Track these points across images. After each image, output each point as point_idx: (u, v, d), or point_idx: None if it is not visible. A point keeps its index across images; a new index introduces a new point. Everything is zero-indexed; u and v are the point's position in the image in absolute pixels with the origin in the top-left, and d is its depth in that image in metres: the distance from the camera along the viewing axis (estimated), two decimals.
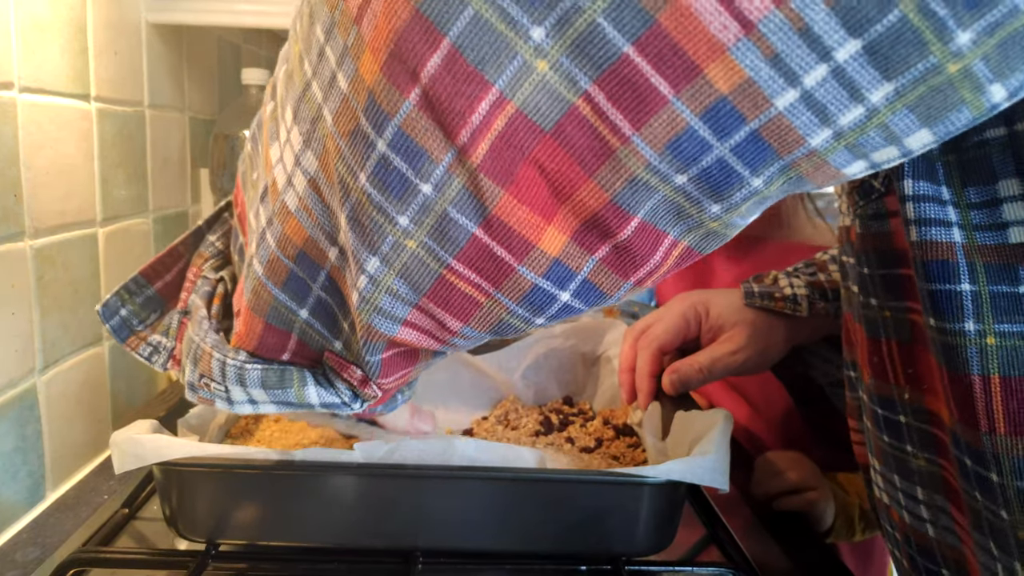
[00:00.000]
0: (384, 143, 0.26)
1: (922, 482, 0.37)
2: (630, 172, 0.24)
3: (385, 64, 0.24)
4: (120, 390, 0.76)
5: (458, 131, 0.24)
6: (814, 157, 0.23)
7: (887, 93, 0.21)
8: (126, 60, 0.76)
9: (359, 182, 0.27)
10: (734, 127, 0.23)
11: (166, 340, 0.41)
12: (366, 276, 0.29)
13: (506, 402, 0.73)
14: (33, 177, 0.60)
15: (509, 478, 0.47)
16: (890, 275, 0.36)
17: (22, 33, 0.58)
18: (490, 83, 0.23)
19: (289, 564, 0.49)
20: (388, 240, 0.28)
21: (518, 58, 0.23)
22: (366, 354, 0.32)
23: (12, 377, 0.58)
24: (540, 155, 0.24)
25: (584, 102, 0.23)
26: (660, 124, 0.23)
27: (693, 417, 0.55)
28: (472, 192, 0.26)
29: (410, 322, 0.30)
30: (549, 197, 0.25)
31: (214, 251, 0.42)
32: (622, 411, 0.68)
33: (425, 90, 0.24)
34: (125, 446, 0.45)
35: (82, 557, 0.49)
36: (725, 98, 0.22)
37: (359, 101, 0.26)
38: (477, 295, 0.29)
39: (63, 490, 0.65)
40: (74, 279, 0.67)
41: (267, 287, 0.33)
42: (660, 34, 0.21)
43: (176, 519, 0.48)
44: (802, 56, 0.21)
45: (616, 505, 0.48)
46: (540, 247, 0.27)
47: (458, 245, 0.27)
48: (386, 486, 0.47)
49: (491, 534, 0.49)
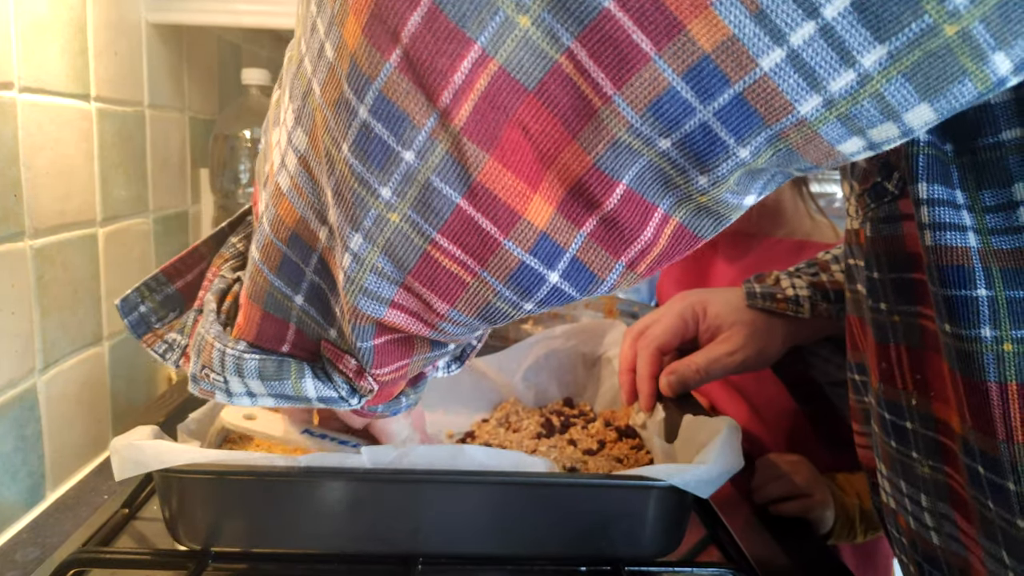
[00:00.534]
0: (365, 109, 0.25)
1: (927, 489, 0.37)
2: (612, 134, 0.23)
3: (366, 26, 0.24)
4: (120, 390, 0.76)
5: (440, 92, 0.24)
6: (804, 127, 0.22)
7: (880, 57, 0.20)
8: (126, 60, 0.76)
9: (342, 153, 0.26)
10: (717, 88, 0.22)
11: (181, 338, 0.41)
12: (350, 254, 0.28)
13: (507, 404, 0.73)
14: (33, 177, 0.60)
15: (516, 482, 0.47)
16: (901, 279, 0.36)
17: (22, 33, 0.58)
18: (472, 40, 0.23)
19: (289, 565, 0.49)
20: (371, 214, 0.27)
21: (500, 14, 0.22)
22: (357, 340, 0.32)
23: (12, 377, 0.58)
24: (524, 115, 0.24)
25: (567, 59, 0.22)
26: (642, 83, 0.22)
27: (701, 423, 0.55)
28: (456, 158, 0.25)
29: (396, 303, 0.30)
30: (534, 161, 0.25)
31: (234, 252, 0.42)
32: (623, 412, 0.68)
33: (406, 50, 0.23)
34: (125, 452, 0.45)
35: (82, 557, 0.49)
36: (708, 56, 0.21)
37: (343, 68, 0.25)
38: (463, 273, 0.28)
39: (63, 490, 0.65)
40: (74, 279, 0.67)
41: (263, 272, 0.32)
42: None
43: (177, 525, 0.48)
44: (788, 12, 0.20)
45: (622, 509, 0.48)
46: (526, 218, 0.26)
47: (442, 217, 0.26)
48: (393, 491, 0.47)
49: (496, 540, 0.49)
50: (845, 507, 0.69)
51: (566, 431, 0.67)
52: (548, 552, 0.49)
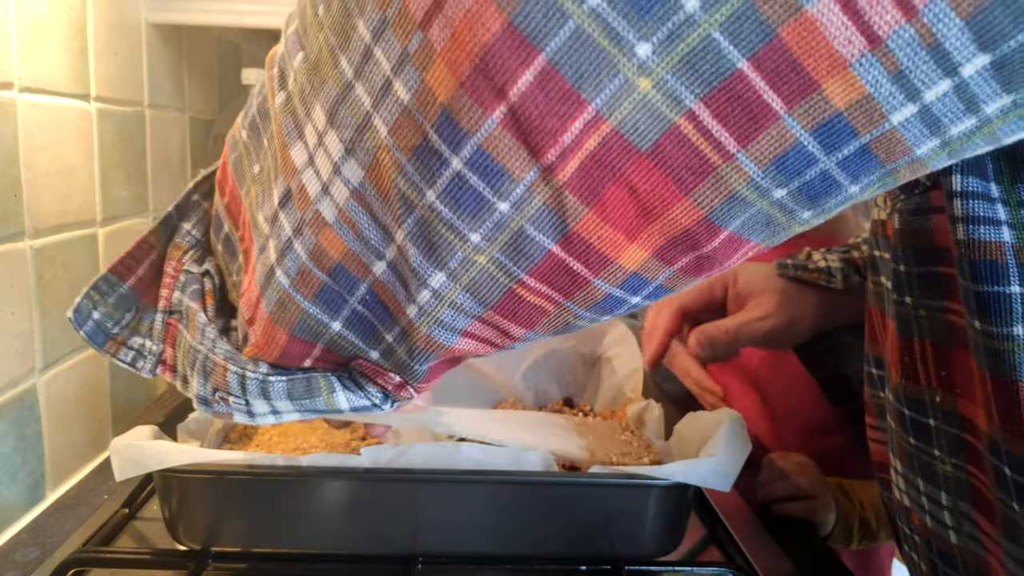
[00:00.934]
0: (460, 161, 0.24)
1: (947, 487, 0.37)
2: (730, 188, 0.23)
3: (467, 80, 0.22)
4: (120, 390, 0.76)
5: (546, 151, 0.23)
6: (916, 164, 0.23)
7: (1003, 105, 0.21)
8: (126, 60, 0.76)
9: (426, 199, 0.25)
10: (844, 142, 0.22)
11: (151, 343, 0.38)
12: (429, 291, 0.28)
13: (506, 404, 0.73)
14: (33, 177, 0.60)
15: (516, 482, 0.47)
16: (928, 273, 0.35)
17: (22, 33, 0.58)
18: (587, 102, 0.22)
19: (288, 565, 0.49)
20: (457, 256, 0.26)
21: (620, 76, 0.21)
22: (416, 363, 0.31)
23: (12, 377, 0.58)
24: (633, 175, 0.23)
25: (687, 120, 0.22)
26: (768, 140, 0.22)
27: (700, 418, 0.55)
28: (554, 209, 0.24)
29: (470, 332, 0.29)
30: (636, 217, 0.24)
31: (192, 240, 0.39)
32: (622, 412, 0.68)
33: (513, 108, 0.22)
34: (126, 453, 0.45)
35: (82, 557, 0.49)
36: (840, 114, 0.21)
37: (427, 116, 0.24)
38: (546, 304, 0.28)
39: (63, 490, 0.65)
40: (74, 279, 0.67)
41: (295, 299, 0.31)
42: (779, 48, 0.20)
43: (177, 525, 0.48)
44: (927, 72, 0.20)
45: (623, 508, 0.48)
46: (619, 262, 0.26)
47: (533, 261, 0.26)
48: (392, 491, 0.47)
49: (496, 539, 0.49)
50: (845, 514, 0.69)
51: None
52: (548, 551, 0.49)
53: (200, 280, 0.38)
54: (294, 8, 0.31)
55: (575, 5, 0.21)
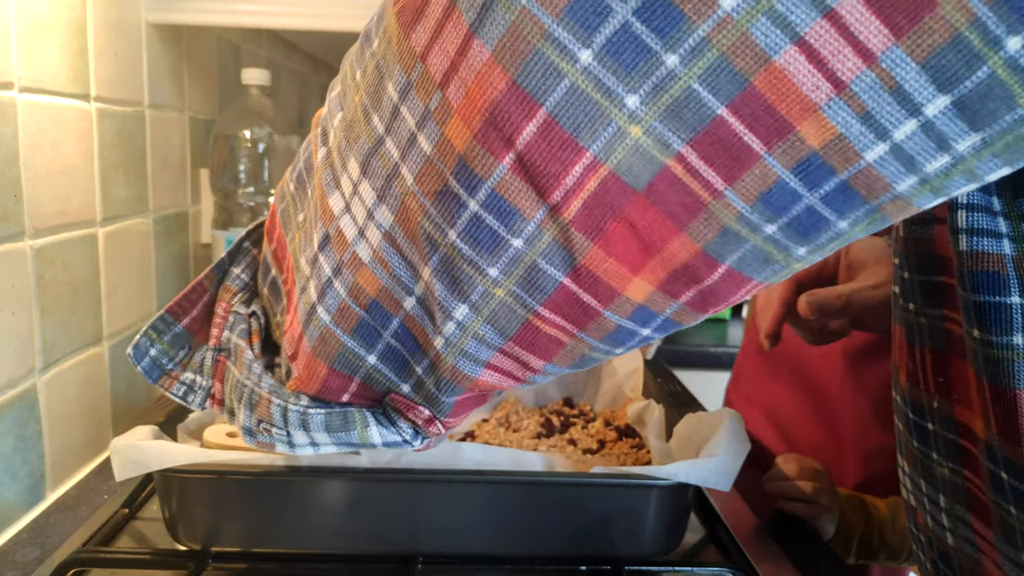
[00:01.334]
0: (477, 204, 0.27)
1: (944, 490, 0.37)
2: (722, 223, 0.25)
3: (480, 132, 0.25)
4: (120, 390, 0.76)
5: (552, 191, 0.25)
6: (899, 201, 0.24)
7: (974, 143, 0.22)
8: (126, 60, 0.76)
9: (448, 238, 0.28)
10: (824, 179, 0.23)
11: (201, 378, 0.41)
12: (454, 322, 0.30)
13: (507, 404, 0.73)
14: (33, 177, 0.60)
15: (516, 482, 0.47)
16: (929, 282, 0.36)
17: (22, 33, 0.58)
18: (584, 148, 0.24)
19: (289, 565, 0.49)
20: (478, 289, 0.29)
21: (612, 125, 0.24)
22: (443, 395, 0.33)
23: (12, 377, 0.58)
24: (631, 213, 0.25)
25: (676, 162, 0.24)
26: (752, 179, 0.24)
27: (700, 418, 0.55)
28: (562, 244, 0.27)
29: (492, 364, 0.32)
30: (638, 251, 0.26)
31: (240, 284, 0.42)
32: (623, 412, 0.68)
33: (520, 155, 0.25)
34: (126, 453, 0.45)
35: (82, 557, 0.49)
36: (816, 153, 0.23)
37: (446, 164, 0.27)
38: (561, 336, 0.30)
39: (63, 490, 0.65)
40: (74, 279, 0.67)
41: (335, 334, 0.33)
42: (754, 96, 0.22)
43: (177, 525, 0.48)
44: (892, 112, 0.22)
45: (623, 508, 0.48)
46: (626, 295, 0.28)
47: (546, 293, 0.28)
48: (392, 491, 0.47)
49: (496, 539, 0.49)
50: (848, 527, 0.69)
51: (566, 431, 0.67)
52: (548, 551, 0.49)
53: (247, 320, 0.41)
54: (337, 76, 0.35)
55: (569, 64, 0.23)
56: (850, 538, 0.69)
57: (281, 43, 1.28)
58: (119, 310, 0.75)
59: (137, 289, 0.80)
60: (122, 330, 0.76)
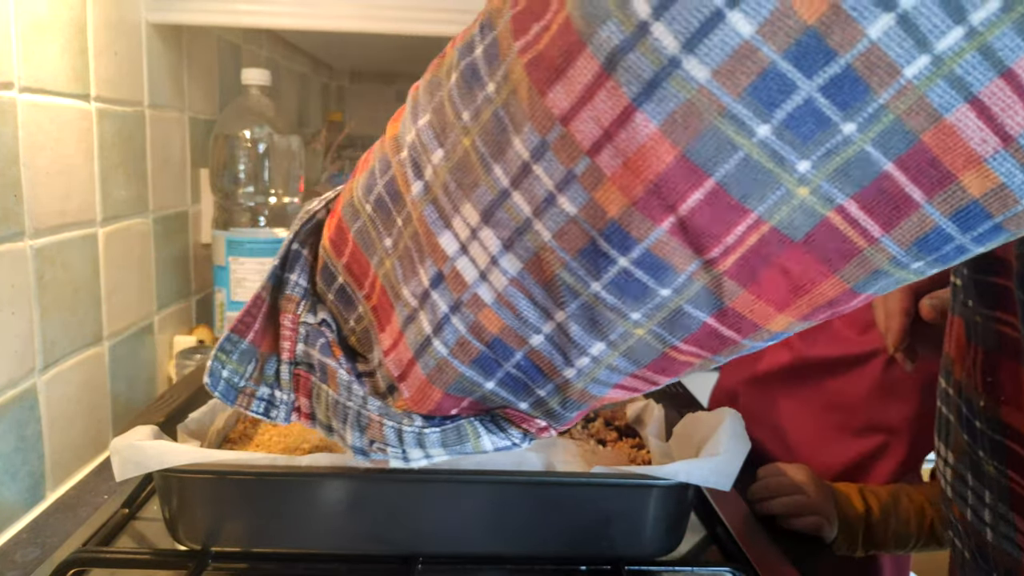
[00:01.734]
0: (628, 260, 0.27)
1: (991, 487, 0.38)
2: (874, 266, 0.26)
3: (640, 200, 0.26)
4: (120, 390, 0.76)
5: (710, 249, 0.26)
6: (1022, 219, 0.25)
7: None
8: (126, 60, 0.76)
9: (591, 289, 0.28)
10: (979, 223, 0.24)
11: (280, 393, 0.41)
12: (588, 357, 0.31)
13: None
14: (33, 177, 0.60)
15: (516, 482, 0.47)
16: (985, 282, 0.37)
17: (22, 33, 0.58)
18: (750, 210, 0.25)
19: (289, 565, 0.49)
20: (618, 331, 0.29)
21: (781, 188, 0.24)
22: (567, 412, 0.34)
23: (12, 377, 0.58)
24: (786, 261, 0.26)
25: (837, 214, 0.25)
26: (910, 225, 0.25)
27: (700, 418, 0.55)
28: (712, 292, 0.27)
29: (621, 384, 0.32)
30: (787, 293, 0.27)
31: (301, 291, 0.42)
32: (623, 412, 0.68)
33: (681, 219, 0.25)
34: (126, 453, 0.45)
35: (82, 557, 0.49)
36: (976, 201, 0.24)
37: (595, 226, 0.27)
38: (693, 360, 0.31)
39: (63, 490, 0.65)
40: (74, 279, 0.67)
41: (453, 365, 0.34)
42: (922, 151, 0.23)
43: (177, 525, 0.48)
44: None
45: (624, 508, 0.48)
46: (767, 327, 0.29)
47: (688, 331, 0.29)
48: (392, 491, 0.47)
49: (496, 539, 0.49)
50: (848, 520, 0.69)
51: (566, 431, 0.67)
52: (548, 552, 0.49)
53: (321, 332, 0.40)
54: (413, 99, 0.33)
55: (745, 138, 0.24)
56: (854, 531, 0.69)
57: (281, 43, 1.28)
58: (119, 310, 0.75)
59: (137, 289, 0.80)
60: (122, 330, 0.76)
